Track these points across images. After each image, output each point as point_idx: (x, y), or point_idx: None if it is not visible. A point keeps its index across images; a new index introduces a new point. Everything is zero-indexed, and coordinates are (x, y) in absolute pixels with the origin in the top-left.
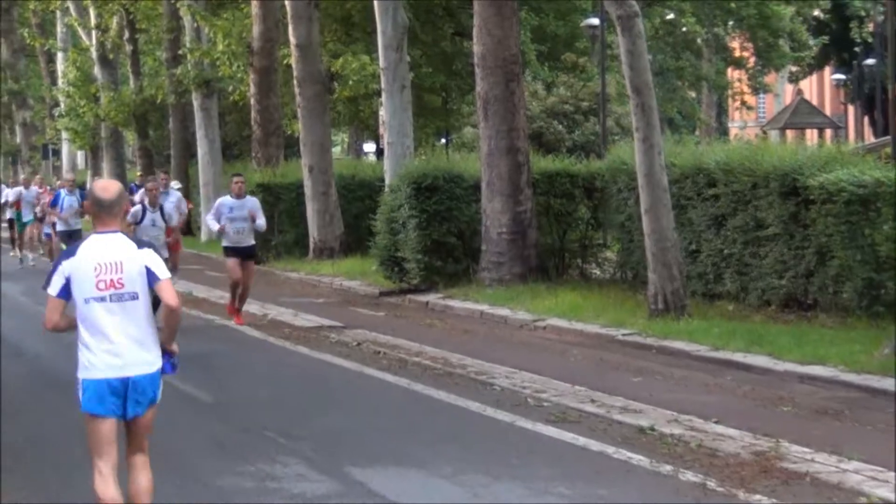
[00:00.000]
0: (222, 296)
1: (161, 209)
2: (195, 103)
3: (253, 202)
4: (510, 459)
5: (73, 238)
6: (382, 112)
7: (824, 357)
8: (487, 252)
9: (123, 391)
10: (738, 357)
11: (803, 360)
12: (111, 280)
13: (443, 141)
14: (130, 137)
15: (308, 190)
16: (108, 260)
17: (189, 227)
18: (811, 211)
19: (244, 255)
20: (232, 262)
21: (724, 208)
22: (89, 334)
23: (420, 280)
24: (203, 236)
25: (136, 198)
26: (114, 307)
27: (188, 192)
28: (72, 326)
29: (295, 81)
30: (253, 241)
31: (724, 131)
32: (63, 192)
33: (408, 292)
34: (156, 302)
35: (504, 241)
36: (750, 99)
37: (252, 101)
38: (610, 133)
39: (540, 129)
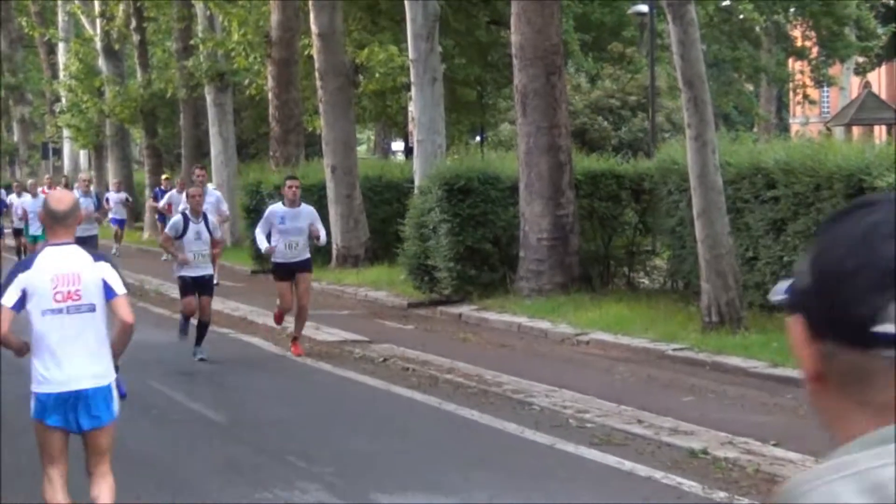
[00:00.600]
0: (237, 307)
1: (205, 218)
2: (208, 98)
3: (310, 212)
4: (550, 485)
5: (86, 244)
6: (412, 107)
7: None
8: (526, 260)
9: (75, 404)
10: (800, 374)
11: None
12: (69, 292)
13: (477, 139)
14: (137, 135)
15: (331, 192)
16: (66, 271)
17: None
18: None
19: (298, 269)
20: (284, 288)
21: (784, 212)
22: (43, 347)
23: (452, 290)
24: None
25: (162, 203)
26: (70, 319)
27: None
28: (20, 348)
29: (317, 74)
30: (308, 255)
31: (784, 128)
32: (77, 192)
33: (439, 304)
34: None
35: (544, 247)
36: (812, 93)
37: (270, 95)
38: (660, 130)
39: (583, 126)
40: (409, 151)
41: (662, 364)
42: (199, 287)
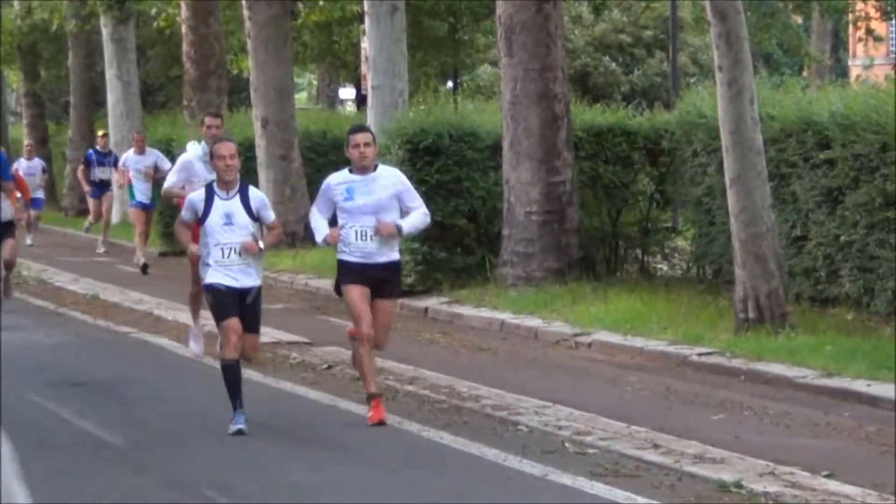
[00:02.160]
0: (140, 300)
1: (244, 193)
2: (104, 32)
3: (394, 176)
4: None
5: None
6: (365, 44)
7: None
8: (511, 239)
9: None
10: (860, 386)
11: None
12: None
13: (449, 84)
14: (14, 79)
15: (261, 152)
16: None
17: (53, 190)
18: None
19: (381, 278)
20: (356, 295)
21: (841, 179)
22: None
23: (417, 279)
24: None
25: (121, 166)
26: None
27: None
28: None
29: (243, 2)
30: (397, 254)
31: (842, 72)
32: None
33: (400, 295)
34: None
35: (534, 223)
36: (878, 26)
37: (184, 28)
38: (683, 74)
39: (585, 68)
40: (361, 100)
41: (685, 373)
42: (243, 307)
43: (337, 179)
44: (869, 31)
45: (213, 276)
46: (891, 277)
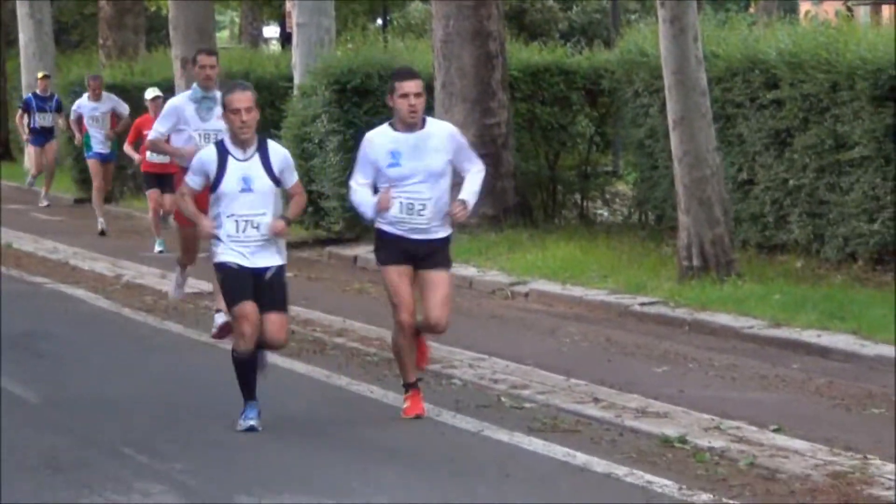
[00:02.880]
0: (55, 248)
1: (263, 149)
2: None
3: (448, 134)
4: (475, 486)
5: None
6: None
7: None
8: None
9: None
10: (810, 337)
11: None
12: None
13: (379, 22)
14: None
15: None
16: None
17: (6, 146)
18: None
19: (428, 252)
20: (396, 277)
21: (789, 120)
22: None
23: (345, 226)
24: (26, 160)
25: (73, 115)
26: None
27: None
28: None
29: None
30: (450, 228)
31: (790, 8)
32: None
33: (327, 243)
34: None
35: None
36: None
37: None
38: (624, 10)
39: (521, 5)
40: (286, 39)
41: (626, 324)
42: (258, 288)
43: (380, 138)
44: None
45: (224, 254)
46: (841, 223)
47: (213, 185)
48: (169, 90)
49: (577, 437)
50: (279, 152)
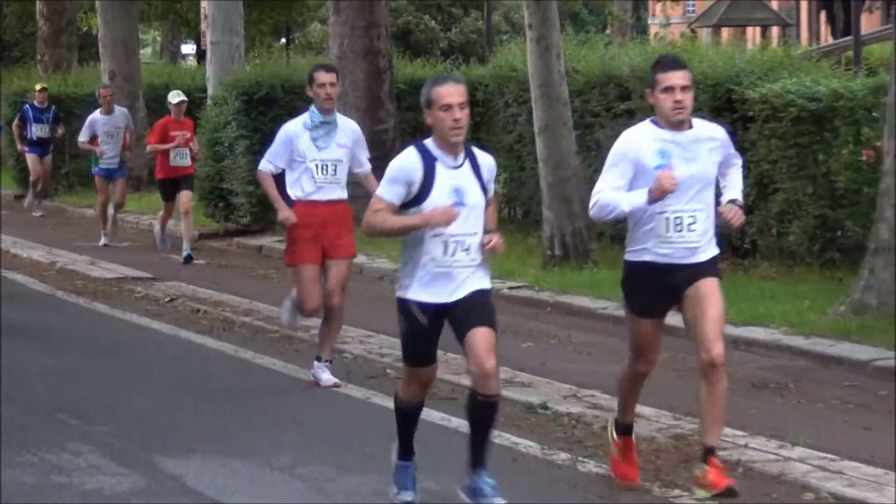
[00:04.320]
0: None
1: (473, 158)
2: None
3: (717, 132)
4: (364, 446)
5: None
6: (205, 3)
7: (764, 317)
8: None
9: None
10: None
11: (738, 321)
12: None
13: (282, 41)
14: None
15: None
16: None
17: None
18: (750, 131)
19: (689, 279)
20: (650, 330)
21: None
22: None
23: (251, 219)
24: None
25: (85, 134)
26: None
27: None
28: None
29: None
30: (716, 249)
31: (642, 29)
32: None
33: (235, 234)
34: None
35: None
36: None
37: None
38: (497, 31)
39: (407, 26)
40: (201, 55)
41: (497, 305)
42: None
43: (640, 136)
44: None
45: (414, 289)
46: None
47: (416, 197)
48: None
49: (453, 404)
50: (487, 159)
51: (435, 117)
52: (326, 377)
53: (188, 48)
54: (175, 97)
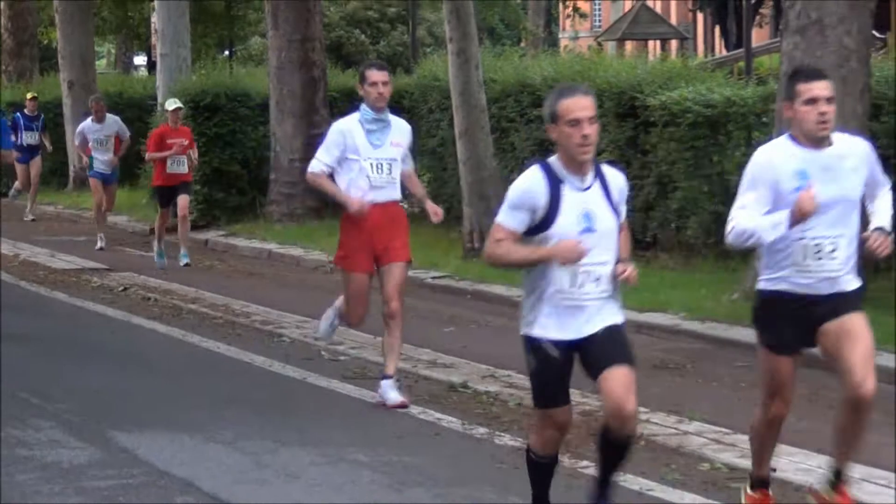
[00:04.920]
0: None
1: (603, 178)
2: None
3: (859, 147)
4: (300, 421)
5: None
6: (155, 18)
7: (664, 303)
8: (277, 182)
9: None
10: None
11: (640, 307)
12: None
13: (226, 53)
14: None
15: (68, 110)
16: None
17: None
18: (651, 135)
19: (830, 311)
20: (786, 368)
21: None
22: None
23: (198, 215)
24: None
25: (77, 139)
26: None
27: None
28: None
29: None
30: (859, 280)
31: (553, 43)
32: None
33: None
34: None
35: (296, 169)
36: (584, 5)
37: (2, 5)
38: (421, 44)
39: (339, 40)
40: (152, 66)
41: (421, 293)
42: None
43: (778, 155)
44: (576, 10)
45: (541, 324)
46: None
47: (541, 223)
48: (58, 106)
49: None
50: (618, 178)
51: (561, 133)
52: (394, 396)
53: (140, 59)
54: (171, 104)
